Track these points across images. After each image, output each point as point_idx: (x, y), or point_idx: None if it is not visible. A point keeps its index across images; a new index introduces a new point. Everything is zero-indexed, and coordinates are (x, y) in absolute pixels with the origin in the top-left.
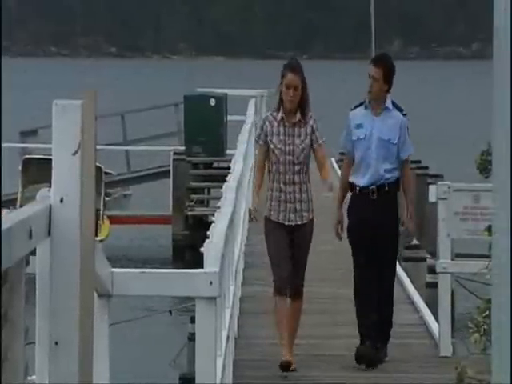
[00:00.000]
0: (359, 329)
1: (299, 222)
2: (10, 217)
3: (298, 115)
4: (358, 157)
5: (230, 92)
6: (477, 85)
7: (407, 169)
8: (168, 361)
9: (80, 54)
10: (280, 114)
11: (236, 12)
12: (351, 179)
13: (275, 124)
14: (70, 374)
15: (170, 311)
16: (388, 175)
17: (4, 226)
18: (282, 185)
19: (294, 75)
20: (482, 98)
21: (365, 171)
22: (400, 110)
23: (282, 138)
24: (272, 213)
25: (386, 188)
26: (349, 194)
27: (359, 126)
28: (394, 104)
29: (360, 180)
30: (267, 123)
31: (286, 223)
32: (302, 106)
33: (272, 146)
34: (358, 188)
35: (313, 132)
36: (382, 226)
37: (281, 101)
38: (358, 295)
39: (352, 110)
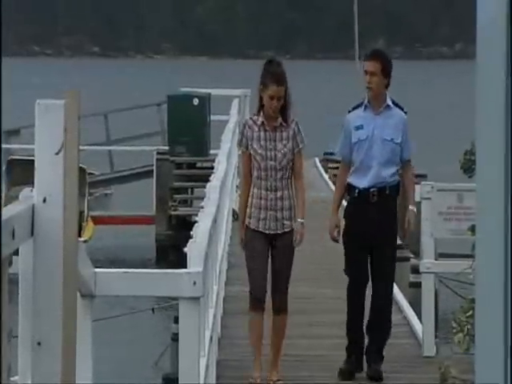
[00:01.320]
0: (348, 344)
1: (280, 231)
2: None
3: (280, 119)
4: (358, 159)
5: (213, 92)
6: (460, 85)
7: (409, 170)
8: (151, 361)
9: (63, 53)
10: (260, 118)
11: (219, 12)
12: (350, 181)
13: (255, 128)
14: (53, 375)
15: (153, 309)
16: (389, 178)
17: None
18: (263, 191)
19: (278, 86)
20: (466, 97)
21: (366, 173)
22: (401, 108)
23: (262, 143)
24: (251, 220)
25: (387, 191)
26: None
27: (359, 128)
28: (393, 102)
29: (360, 182)
30: (247, 128)
31: (266, 232)
32: (284, 109)
33: (253, 152)
34: (357, 190)
35: (294, 135)
36: (381, 232)
37: (261, 104)
38: (350, 312)
39: (350, 112)
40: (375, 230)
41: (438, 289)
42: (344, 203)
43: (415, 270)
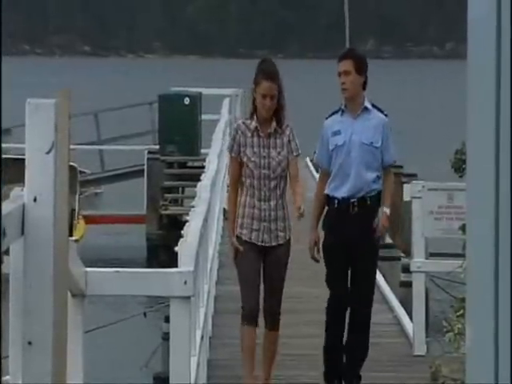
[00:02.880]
0: (325, 368)
1: (274, 243)
2: None
3: (274, 124)
4: (336, 166)
5: (204, 91)
6: (451, 84)
7: (390, 175)
8: (142, 360)
9: (54, 52)
10: (254, 123)
11: (210, 11)
12: (328, 191)
13: (248, 134)
14: (44, 374)
15: (145, 313)
16: (370, 187)
17: None
18: (256, 201)
19: (270, 83)
20: (457, 97)
21: (344, 182)
22: (380, 111)
23: (256, 149)
24: (244, 231)
25: (368, 202)
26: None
27: (336, 133)
28: (373, 105)
29: (338, 192)
30: (239, 133)
31: (259, 243)
32: (278, 113)
33: (245, 159)
34: (336, 201)
35: (289, 142)
36: (363, 246)
37: (254, 108)
38: (330, 334)
39: (327, 118)
40: (356, 243)
41: (429, 288)
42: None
43: (406, 270)
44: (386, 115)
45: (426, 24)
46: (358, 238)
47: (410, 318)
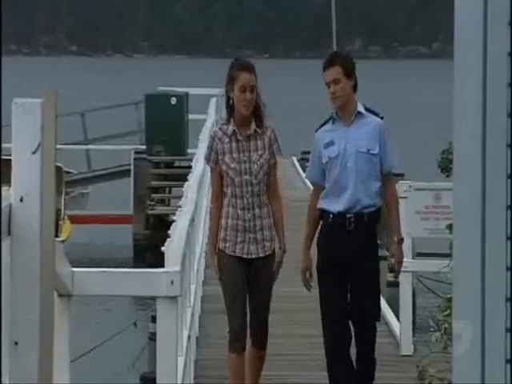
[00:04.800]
0: None
1: (261, 255)
2: None
3: (253, 125)
4: (331, 180)
5: (191, 91)
6: (437, 84)
7: (391, 185)
8: (129, 360)
9: (40, 52)
10: (231, 127)
11: (196, 11)
12: (322, 205)
13: (226, 140)
14: (30, 374)
15: (135, 323)
16: (368, 201)
17: None
18: (239, 211)
19: (248, 74)
20: (443, 96)
21: (341, 194)
22: (375, 113)
23: (235, 155)
24: (227, 244)
25: (366, 218)
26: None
27: (329, 144)
28: (366, 109)
29: (334, 206)
30: (217, 140)
31: (245, 256)
32: (257, 113)
33: (225, 167)
34: (331, 216)
35: (271, 145)
36: (361, 265)
37: (231, 111)
38: (330, 357)
39: (317, 130)
40: (354, 262)
41: (416, 288)
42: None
43: (393, 270)
44: (381, 118)
45: (412, 24)
46: (356, 256)
47: (397, 318)
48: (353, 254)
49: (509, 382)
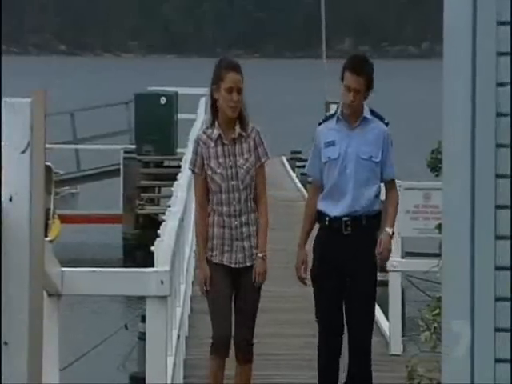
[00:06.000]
0: None
1: (249, 263)
2: None
3: (238, 128)
4: (330, 182)
5: (180, 90)
6: (427, 83)
7: (394, 193)
8: (119, 360)
9: (29, 51)
10: (216, 131)
11: (186, 10)
12: (320, 207)
13: (211, 144)
14: (20, 374)
15: (126, 326)
16: (367, 206)
17: None
18: (225, 218)
19: (235, 74)
20: (433, 96)
21: (339, 198)
22: (381, 118)
23: (221, 160)
24: (214, 253)
25: (364, 222)
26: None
27: (330, 144)
28: (372, 112)
29: (331, 209)
30: (201, 144)
31: (233, 265)
32: (241, 116)
33: (210, 172)
34: (327, 219)
35: (256, 147)
36: (356, 271)
37: (215, 114)
38: (321, 366)
39: (320, 124)
40: (349, 268)
41: (405, 287)
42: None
43: (382, 269)
44: (386, 124)
45: (401, 24)
46: (351, 262)
47: (386, 318)
48: (349, 259)
49: (498, 381)
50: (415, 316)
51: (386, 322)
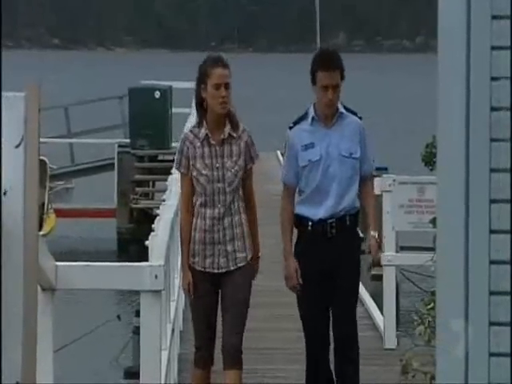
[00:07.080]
0: None
1: (232, 268)
2: None
3: (228, 128)
4: (312, 185)
5: (174, 84)
6: (421, 78)
7: (370, 189)
8: (113, 354)
9: (22, 45)
10: (203, 130)
11: (180, 5)
12: (301, 211)
13: (197, 144)
14: (14, 367)
15: (119, 316)
16: (350, 205)
17: None
18: (207, 221)
19: (222, 69)
20: (427, 90)
21: (322, 201)
22: (354, 113)
23: (207, 161)
24: (196, 259)
25: (348, 222)
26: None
27: (309, 147)
28: (345, 107)
29: (314, 212)
30: (187, 143)
31: (215, 271)
32: (231, 115)
33: (195, 173)
34: (310, 223)
35: (247, 150)
36: (343, 271)
37: (203, 113)
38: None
39: (291, 128)
40: (335, 271)
41: (400, 281)
42: None
43: (377, 263)
44: (360, 118)
45: (396, 18)
46: (337, 265)
47: (381, 312)
48: (334, 261)
49: (492, 375)
50: (409, 309)
51: (381, 317)
